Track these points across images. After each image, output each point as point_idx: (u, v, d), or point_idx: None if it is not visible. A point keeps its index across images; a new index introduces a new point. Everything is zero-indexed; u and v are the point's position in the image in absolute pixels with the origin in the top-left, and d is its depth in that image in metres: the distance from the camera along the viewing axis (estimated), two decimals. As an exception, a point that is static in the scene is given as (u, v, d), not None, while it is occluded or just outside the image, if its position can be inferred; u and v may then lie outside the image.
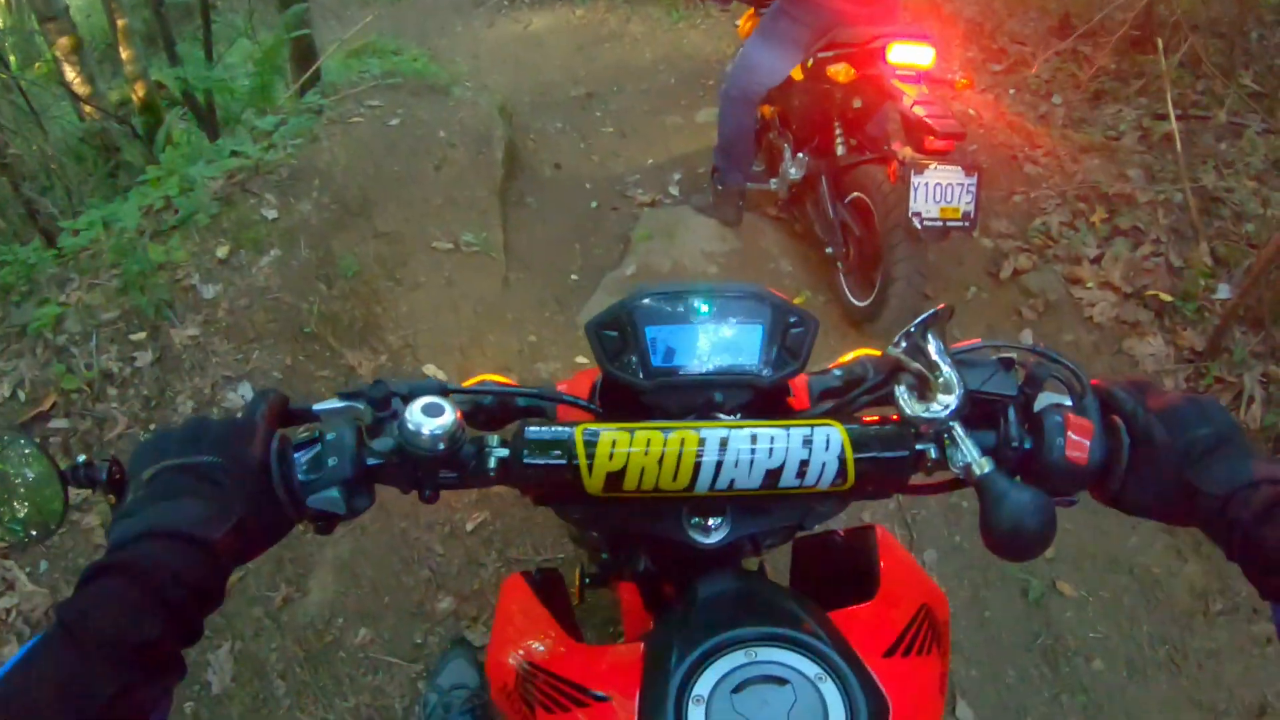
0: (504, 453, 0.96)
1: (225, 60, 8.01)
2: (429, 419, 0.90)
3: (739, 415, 1.04)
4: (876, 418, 1.01)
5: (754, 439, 0.91)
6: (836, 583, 1.20)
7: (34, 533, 0.92)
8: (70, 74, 5.75)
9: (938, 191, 3.30)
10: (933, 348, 0.94)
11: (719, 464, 0.90)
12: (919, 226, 3.33)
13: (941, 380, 0.93)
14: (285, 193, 4.12)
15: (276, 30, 6.14)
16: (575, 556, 3.04)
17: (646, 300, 1.07)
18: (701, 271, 4.33)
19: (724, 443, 0.90)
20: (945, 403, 0.92)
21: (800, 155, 4.14)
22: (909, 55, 3.41)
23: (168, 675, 0.74)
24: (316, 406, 0.98)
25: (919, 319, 0.96)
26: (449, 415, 0.91)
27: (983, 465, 0.91)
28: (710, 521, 0.99)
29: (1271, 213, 4.67)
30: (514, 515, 3.29)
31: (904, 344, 0.97)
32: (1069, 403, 0.98)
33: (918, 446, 0.97)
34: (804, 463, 0.91)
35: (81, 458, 0.90)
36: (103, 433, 3.17)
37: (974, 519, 0.92)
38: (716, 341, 1.05)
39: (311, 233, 4.01)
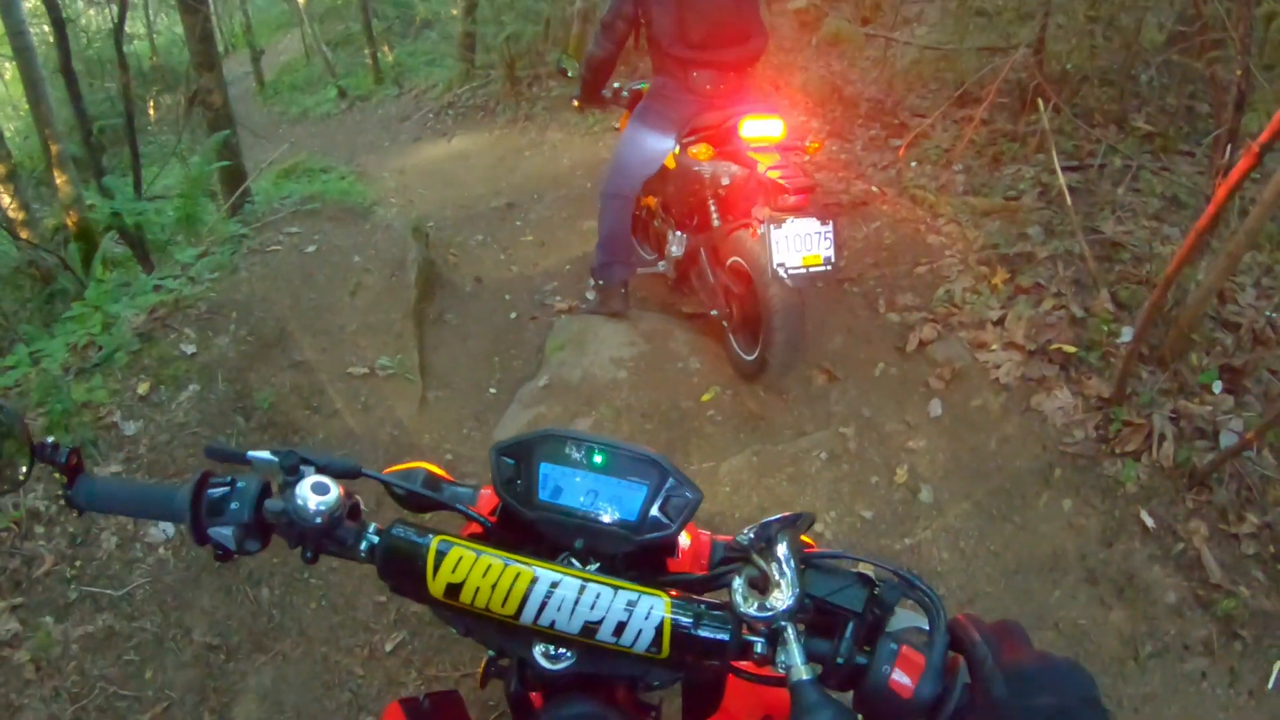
0: (375, 539, 1.09)
1: (159, 183, 8.19)
2: (314, 495, 1.04)
3: (600, 564, 1.10)
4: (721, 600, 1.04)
5: (581, 589, 0.99)
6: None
7: (6, 487, 1.12)
8: (6, 201, 5.81)
9: (798, 242, 3.52)
10: (781, 548, 0.97)
11: (544, 603, 0.99)
12: (785, 276, 3.55)
13: (780, 581, 0.95)
14: (204, 327, 4.13)
15: (203, 155, 6.31)
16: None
17: (550, 440, 1.13)
18: (611, 378, 4.32)
19: (554, 585, 0.99)
20: (775, 604, 0.94)
21: (680, 234, 4.43)
22: (760, 129, 3.76)
23: None
24: (249, 453, 1.11)
25: (776, 517, 0.99)
26: (332, 495, 1.05)
27: (801, 672, 0.92)
28: (556, 650, 1.05)
29: (1171, 249, 4.66)
30: (432, 634, 3.25)
31: (753, 536, 1.00)
32: (926, 629, 0.96)
33: (747, 637, 1.00)
34: (622, 624, 0.98)
35: (50, 438, 1.11)
36: (30, 570, 3.12)
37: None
38: (601, 492, 1.11)
39: (229, 366, 4.00)
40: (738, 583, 0.98)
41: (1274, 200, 3.45)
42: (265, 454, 1.11)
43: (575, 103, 4.86)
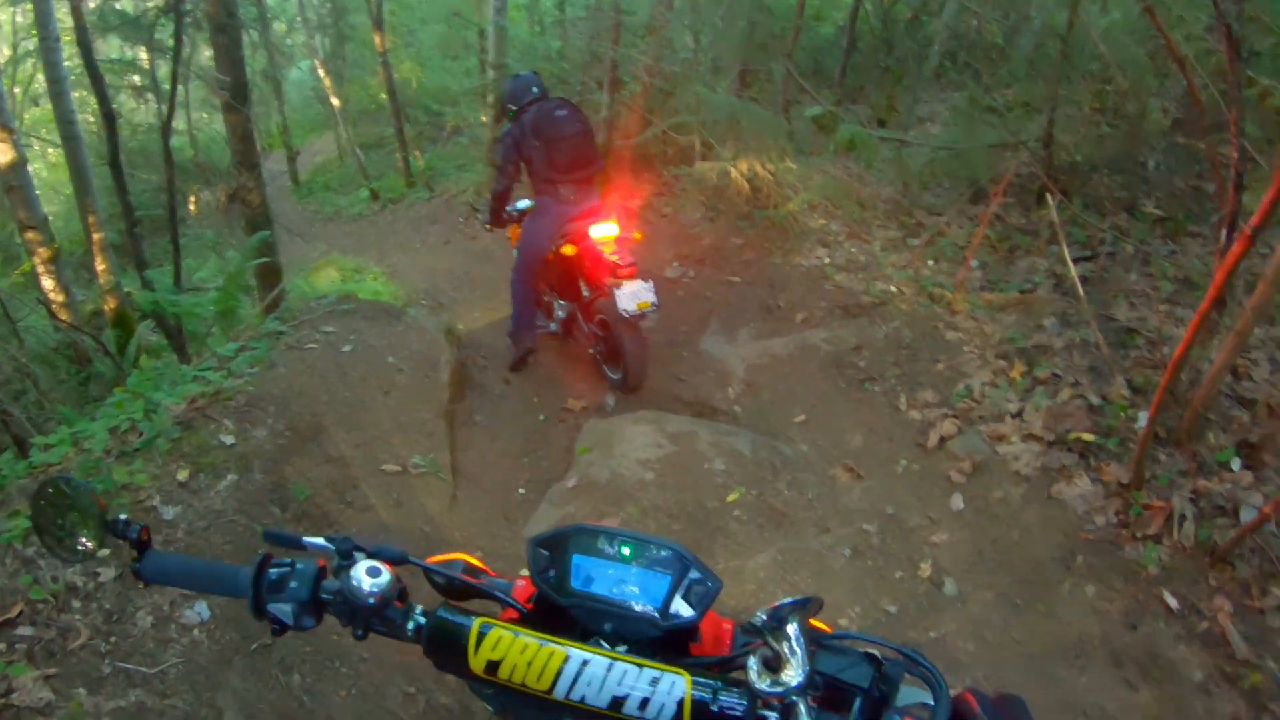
0: (422, 620, 1.19)
1: (197, 275, 8.39)
2: (369, 578, 1.17)
3: (629, 647, 1.17)
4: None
5: (609, 668, 1.07)
6: None
7: (70, 556, 1.24)
8: (47, 284, 6.03)
9: (634, 295, 5.08)
10: (791, 628, 1.02)
11: (575, 679, 1.07)
12: (628, 317, 5.10)
13: (791, 659, 1.01)
14: (242, 419, 4.23)
15: (243, 252, 6.50)
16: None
17: (582, 533, 1.24)
18: (638, 479, 4.41)
19: (585, 664, 1.07)
20: (787, 680, 1.00)
21: (563, 303, 6.04)
22: (602, 231, 5.35)
23: None
24: (304, 538, 1.24)
25: (788, 600, 1.05)
26: (384, 578, 1.17)
27: None
28: None
29: (1182, 331, 4.74)
30: None
31: (766, 618, 1.05)
32: (931, 704, 1.02)
33: (762, 712, 1.05)
34: (646, 699, 1.05)
35: (123, 515, 1.25)
36: (66, 642, 3.19)
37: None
38: (629, 581, 1.20)
39: (266, 458, 4.09)
40: (753, 661, 1.04)
41: (1276, 276, 3.57)
42: (320, 540, 1.24)
43: (487, 227, 6.28)
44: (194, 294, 7.09)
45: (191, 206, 15.77)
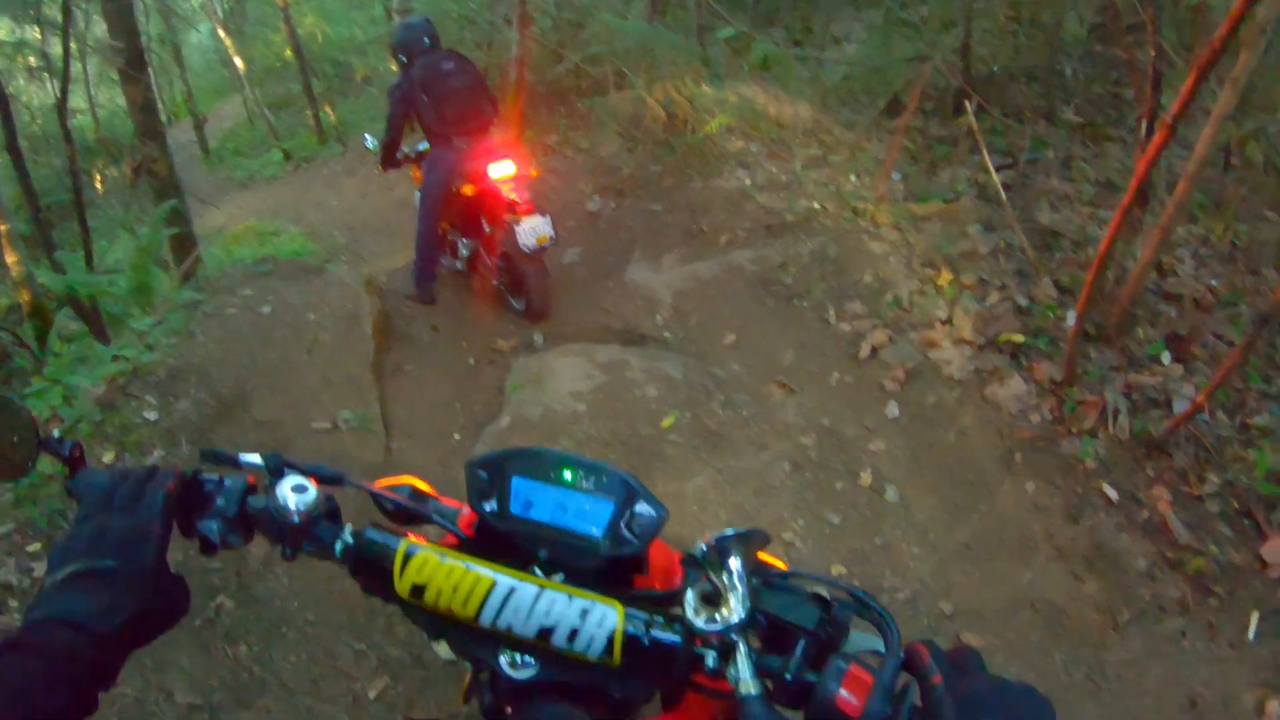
0: (350, 541, 1.13)
1: (110, 256, 8.08)
2: (293, 494, 1.11)
3: (567, 576, 1.12)
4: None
5: (538, 595, 1.03)
6: None
7: (4, 474, 1.18)
8: None
9: (533, 231, 5.20)
10: (733, 562, 0.97)
11: (501, 607, 1.03)
12: (528, 251, 5.24)
13: (730, 595, 0.96)
14: (164, 393, 4.09)
15: (150, 224, 6.33)
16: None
17: (522, 455, 1.17)
18: (571, 411, 4.33)
19: (512, 590, 1.03)
20: (726, 617, 0.96)
21: (466, 240, 6.07)
22: (500, 169, 5.40)
23: None
24: (240, 455, 1.18)
25: (730, 531, 0.98)
26: (310, 495, 1.12)
27: (749, 686, 0.92)
28: (521, 659, 1.08)
29: (1105, 233, 4.74)
30: (414, 676, 3.24)
31: (706, 549, 0.99)
32: (882, 651, 0.96)
33: (699, 649, 1.00)
34: (575, 630, 1.01)
35: (57, 432, 1.33)
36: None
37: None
38: (569, 507, 1.14)
39: (191, 429, 3.97)
40: (690, 594, 1.00)
41: (1198, 171, 3.54)
42: (255, 458, 1.18)
43: (379, 168, 6.33)
44: (108, 275, 6.75)
45: (98, 185, 15.16)
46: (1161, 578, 3.32)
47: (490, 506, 1.16)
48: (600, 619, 1.01)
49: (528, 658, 1.08)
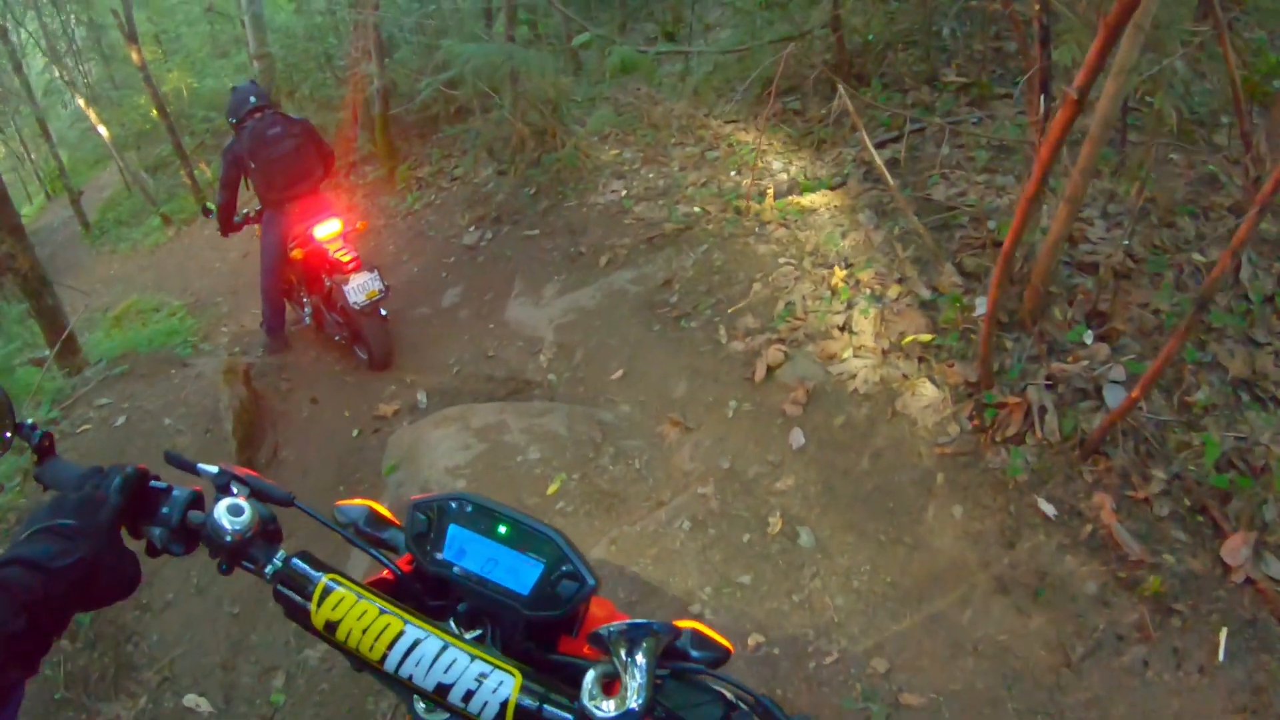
0: (279, 565, 1.13)
1: None
2: (230, 515, 1.12)
3: (485, 632, 1.15)
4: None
5: (440, 651, 1.03)
6: None
7: None
8: None
9: (361, 288, 5.27)
10: (639, 654, 0.97)
11: (404, 656, 1.03)
12: (358, 308, 5.29)
13: (630, 685, 0.96)
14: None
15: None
16: None
17: (463, 504, 1.19)
18: (451, 488, 3.84)
19: (417, 642, 1.03)
20: (620, 706, 0.95)
21: (310, 297, 6.10)
22: (325, 230, 5.54)
23: (25, 668, 0.96)
24: (199, 465, 1.21)
25: (643, 622, 1.00)
26: (245, 518, 1.12)
27: None
28: (434, 707, 1.08)
29: (1008, 200, 4.32)
30: None
31: (615, 634, 0.99)
32: None
33: None
34: (471, 692, 1.01)
35: (29, 419, 1.26)
36: None
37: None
38: (500, 562, 1.16)
39: None
40: (590, 676, 0.99)
41: (1102, 133, 3.12)
42: (213, 469, 1.19)
43: (221, 233, 6.35)
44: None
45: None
46: (1115, 601, 2.88)
47: (423, 549, 1.20)
48: (496, 685, 1.01)
49: (441, 711, 1.08)
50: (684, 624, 1.29)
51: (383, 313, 5.57)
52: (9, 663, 0.93)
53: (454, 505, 1.20)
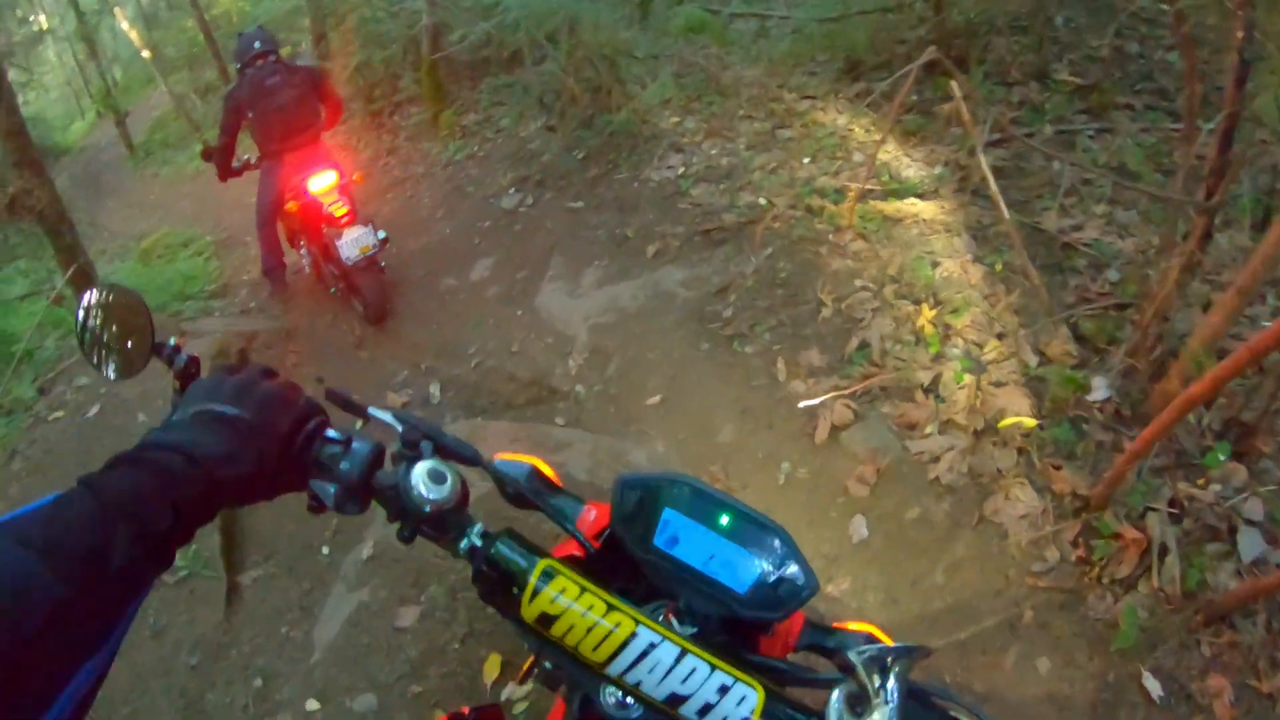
0: (478, 543, 1.00)
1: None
2: (431, 483, 0.97)
3: (698, 627, 1.04)
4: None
5: (679, 658, 0.91)
6: None
7: (112, 372, 1.12)
8: None
9: (355, 243, 5.20)
10: (892, 677, 0.87)
11: (636, 661, 0.91)
12: (351, 263, 5.22)
13: (881, 707, 0.86)
14: None
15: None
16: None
17: (680, 487, 1.08)
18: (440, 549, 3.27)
19: (652, 646, 0.91)
20: None
21: (304, 247, 6.17)
22: (320, 182, 5.45)
23: (161, 562, 0.84)
24: (370, 409, 1.07)
25: (896, 646, 0.90)
26: (448, 487, 0.97)
27: None
28: (626, 699, 0.97)
29: (1134, 244, 3.64)
30: None
31: (867, 658, 0.89)
32: None
33: None
34: (710, 705, 0.90)
35: (173, 340, 1.10)
36: None
37: None
38: (718, 555, 1.05)
39: None
40: (835, 698, 0.88)
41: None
42: (388, 416, 1.06)
43: (219, 178, 6.27)
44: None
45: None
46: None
47: (633, 533, 1.07)
48: (738, 701, 0.89)
49: (636, 702, 0.96)
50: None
51: (381, 264, 5.52)
52: (149, 559, 0.82)
53: (671, 487, 1.07)
